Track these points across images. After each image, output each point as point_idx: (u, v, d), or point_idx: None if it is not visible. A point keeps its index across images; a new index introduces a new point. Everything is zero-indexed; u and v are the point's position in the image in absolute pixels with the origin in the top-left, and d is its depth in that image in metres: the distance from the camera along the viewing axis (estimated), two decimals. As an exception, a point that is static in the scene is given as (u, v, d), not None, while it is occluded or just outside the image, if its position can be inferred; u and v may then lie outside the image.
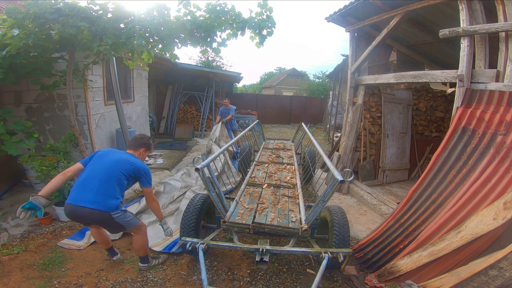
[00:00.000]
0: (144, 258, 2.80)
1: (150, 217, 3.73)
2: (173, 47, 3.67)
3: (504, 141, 2.56)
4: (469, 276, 2.03)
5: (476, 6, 3.16)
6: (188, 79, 10.85)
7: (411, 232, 2.83)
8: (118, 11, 3.37)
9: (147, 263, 2.82)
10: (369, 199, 4.58)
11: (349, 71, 5.49)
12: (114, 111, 5.43)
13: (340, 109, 10.68)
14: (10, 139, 3.56)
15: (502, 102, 2.77)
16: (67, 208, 2.39)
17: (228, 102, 8.23)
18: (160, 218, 2.83)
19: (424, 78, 3.84)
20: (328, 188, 2.27)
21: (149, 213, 3.84)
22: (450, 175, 2.86)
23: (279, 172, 4.20)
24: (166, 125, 10.50)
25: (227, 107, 8.08)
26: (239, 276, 2.81)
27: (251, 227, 2.57)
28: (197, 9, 3.44)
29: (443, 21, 4.20)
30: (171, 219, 3.79)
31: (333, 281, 2.78)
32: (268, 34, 3.59)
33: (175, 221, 3.67)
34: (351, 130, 5.30)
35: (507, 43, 2.87)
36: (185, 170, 5.61)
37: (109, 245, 2.84)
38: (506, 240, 2.11)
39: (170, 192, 4.58)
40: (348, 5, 4.60)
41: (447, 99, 6.15)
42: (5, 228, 3.38)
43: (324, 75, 28.12)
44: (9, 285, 2.48)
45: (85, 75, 4.56)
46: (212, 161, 2.62)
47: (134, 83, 7.30)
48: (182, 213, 2.96)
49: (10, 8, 3.16)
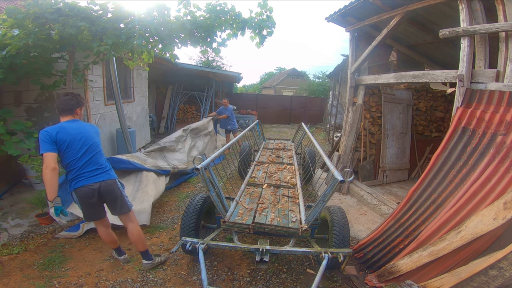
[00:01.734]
0: (146, 253, 2.77)
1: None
2: (173, 47, 3.67)
3: (504, 141, 2.56)
4: (469, 276, 2.03)
5: (476, 6, 3.16)
6: (188, 79, 10.86)
7: (411, 232, 2.83)
8: (118, 11, 3.37)
9: (151, 260, 2.79)
10: (369, 199, 4.58)
11: (349, 71, 5.49)
12: (114, 111, 5.44)
13: (340, 109, 10.68)
14: (10, 139, 3.57)
15: (502, 102, 2.77)
16: (84, 191, 2.45)
17: (227, 102, 8.23)
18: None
19: (424, 78, 3.84)
20: (328, 188, 2.27)
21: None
22: (450, 175, 2.86)
23: (279, 172, 4.20)
24: (166, 125, 10.51)
25: (226, 107, 8.08)
26: (239, 276, 2.81)
27: (251, 227, 2.57)
28: (197, 9, 3.44)
29: (443, 21, 4.20)
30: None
31: (333, 281, 2.78)
32: (268, 34, 3.59)
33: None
34: (351, 130, 5.30)
35: (507, 43, 2.87)
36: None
37: (116, 245, 2.85)
38: (506, 240, 2.11)
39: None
40: (348, 5, 4.59)
41: (447, 99, 6.15)
42: (5, 228, 3.38)
43: (324, 75, 28.13)
44: (9, 285, 2.48)
45: (85, 75, 4.56)
46: (212, 161, 2.62)
47: (134, 83, 7.30)
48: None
49: (10, 8, 3.16)
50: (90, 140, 2.53)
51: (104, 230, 2.73)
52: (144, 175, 4.23)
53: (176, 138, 6.10)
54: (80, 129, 2.51)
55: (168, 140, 5.94)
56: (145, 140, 8.12)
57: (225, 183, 3.85)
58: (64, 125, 2.47)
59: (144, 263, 2.78)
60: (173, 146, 5.84)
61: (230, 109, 8.05)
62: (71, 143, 2.42)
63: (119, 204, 2.62)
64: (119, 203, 2.62)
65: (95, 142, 2.58)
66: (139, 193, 3.88)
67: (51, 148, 2.34)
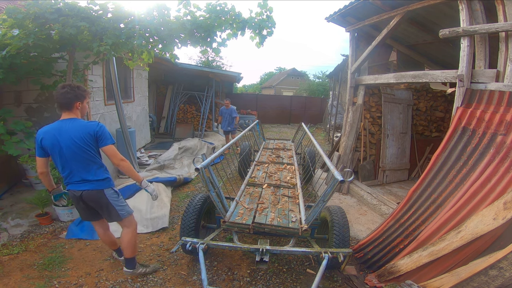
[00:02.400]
0: (131, 261, 2.63)
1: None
2: (173, 47, 3.67)
3: (504, 141, 2.56)
4: (469, 276, 2.03)
5: (476, 6, 3.16)
6: (188, 79, 10.84)
7: (411, 232, 2.83)
8: (118, 11, 3.37)
9: (133, 269, 2.64)
10: (369, 199, 4.58)
11: (349, 71, 5.49)
12: (114, 111, 5.43)
13: (340, 109, 10.68)
14: (10, 139, 3.56)
15: (502, 102, 2.77)
16: (71, 195, 2.41)
17: (229, 103, 8.20)
18: (138, 180, 2.48)
19: (424, 78, 3.84)
20: (328, 188, 2.27)
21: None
22: (450, 175, 2.86)
23: (279, 172, 4.20)
24: (166, 125, 10.50)
25: (227, 107, 8.04)
26: (239, 276, 2.81)
27: (251, 227, 2.57)
28: (197, 9, 3.44)
29: (443, 21, 4.20)
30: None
31: (333, 281, 2.78)
32: (268, 34, 3.59)
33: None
34: (351, 130, 5.30)
35: (507, 43, 2.87)
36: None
37: (116, 246, 2.81)
38: (506, 240, 2.11)
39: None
40: (348, 5, 4.59)
41: (447, 99, 6.15)
42: (5, 228, 3.38)
43: (324, 75, 28.13)
44: (9, 285, 2.48)
45: (85, 75, 4.55)
46: (212, 161, 2.62)
47: (134, 83, 7.30)
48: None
49: (10, 8, 3.16)
50: (68, 151, 2.24)
51: (101, 232, 2.69)
52: (155, 186, 4.61)
53: (174, 156, 6.47)
54: (61, 137, 2.22)
55: (167, 158, 6.29)
56: (145, 140, 8.12)
57: (225, 183, 3.85)
58: (51, 129, 2.26)
59: (125, 270, 2.65)
60: (172, 164, 6.19)
61: (234, 110, 8.04)
62: (51, 153, 2.28)
63: (107, 212, 2.46)
64: (106, 211, 2.45)
65: (76, 153, 2.25)
66: (156, 201, 4.14)
67: (39, 152, 2.28)
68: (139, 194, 4.31)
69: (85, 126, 2.30)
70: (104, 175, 2.41)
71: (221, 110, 8.19)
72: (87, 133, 2.29)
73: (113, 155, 2.35)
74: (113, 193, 2.46)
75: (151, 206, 4.03)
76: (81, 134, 2.26)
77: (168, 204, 4.30)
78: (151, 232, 3.59)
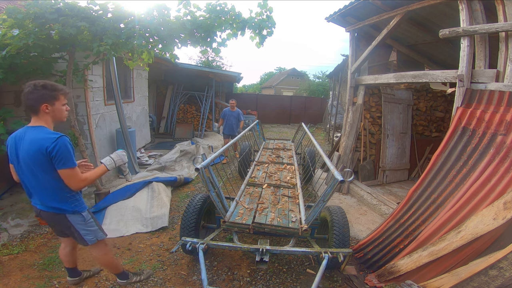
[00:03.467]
0: (121, 275, 2.50)
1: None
2: (173, 47, 3.67)
3: (504, 141, 2.56)
4: (469, 276, 2.03)
5: (476, 6, 3.16)
6: (188, 79, 10.84)
7: (411, 232, 2.83)
8: (118, 11, 3.37)
9: (126, 279, 2.53)
10: (369, 199, 4.58)
11: (349, 71, 5.49)
12: (114, 111, 5.43)
13: (340, 109, 10.69)
14: (10, 139, 3.55)
15: (502, 102, 2.77)
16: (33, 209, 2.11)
17: (235, 104, 7.20)
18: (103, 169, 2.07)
19: (424, 78, 3.84)
20: (328, 188, 2.27)
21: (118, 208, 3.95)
22: (450, 175, 2.86)
23: (279, 172, 4.20)
24: (166, 125, 10.50)
25: (233, 109, 7.06)
26: (239, 276, 2.81)
27: (251, 227, 2.57)
28: (197, 9, 3.44)
29: (443, 21, 4.20)
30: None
31: (333, 281, 2.78)
32: (268, 34, 3.59)
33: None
34: (351, 130, 5.30)
35: (507, 43, 2.87)
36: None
37: (72, 266, 2.44)
38: (506, 240, 2.11)
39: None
40: (348, 5, 4.60)
41: (447, 99, 6.15)
42: (5, 228, 3.38)
43: (324, 75, 28.16)
44: (9, 285, 2.48)
45: (85, 75, 4.55)
46: (212, 161, 2.61)
47: (134, 83, 7.30)
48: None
49: (10, 8, 3.15)
50: (24, 165, 1.89)
51: (62, 248, 2.37)
52: (155, 185, 4.59)
53: (176, 158, 6.48)
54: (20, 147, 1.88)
55: (168, 159, 6.30)
56: (145, 140, 8.12)
57: (225, 183, 3.85)
58: (15, 135, 1.93)
59: (118, 281, 2.55)
60: (172, 166, 6.20)
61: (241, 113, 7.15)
62: (11, 163, 1.99)
63: (71, 234, 2.13)
64: (69, 233, 2.13)
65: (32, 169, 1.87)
66: (155, 200, 4.20)
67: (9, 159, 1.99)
68: (139, 193, 4.31)
69: (39, 141, 1.82)
70: (66, 202, 1.96)
71: (224, 111, 7.18)
72: (37, 150, 1.81)
73: (69, 181, 1.88)
74: (80, 219, 2.06)
75: (150, 206, 4.03)
76: (32, 150, 1.82)
77: (168, 203, 4.30)
78: (151, 231, 3.59)
